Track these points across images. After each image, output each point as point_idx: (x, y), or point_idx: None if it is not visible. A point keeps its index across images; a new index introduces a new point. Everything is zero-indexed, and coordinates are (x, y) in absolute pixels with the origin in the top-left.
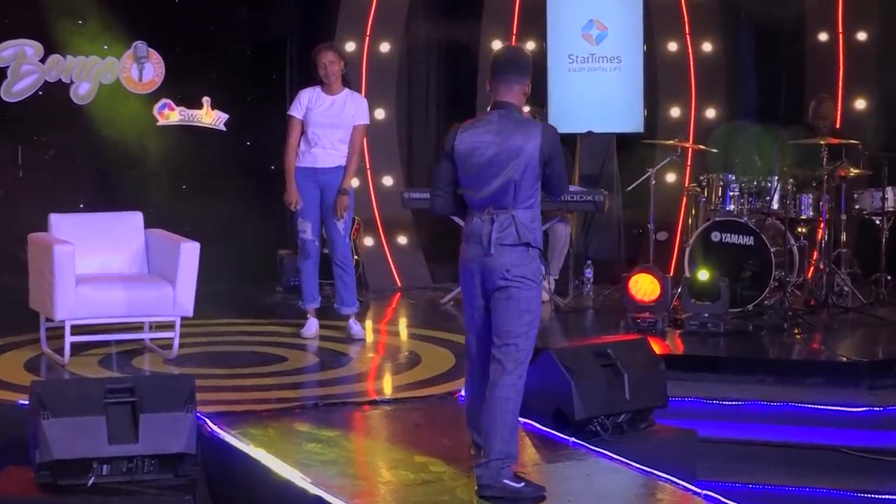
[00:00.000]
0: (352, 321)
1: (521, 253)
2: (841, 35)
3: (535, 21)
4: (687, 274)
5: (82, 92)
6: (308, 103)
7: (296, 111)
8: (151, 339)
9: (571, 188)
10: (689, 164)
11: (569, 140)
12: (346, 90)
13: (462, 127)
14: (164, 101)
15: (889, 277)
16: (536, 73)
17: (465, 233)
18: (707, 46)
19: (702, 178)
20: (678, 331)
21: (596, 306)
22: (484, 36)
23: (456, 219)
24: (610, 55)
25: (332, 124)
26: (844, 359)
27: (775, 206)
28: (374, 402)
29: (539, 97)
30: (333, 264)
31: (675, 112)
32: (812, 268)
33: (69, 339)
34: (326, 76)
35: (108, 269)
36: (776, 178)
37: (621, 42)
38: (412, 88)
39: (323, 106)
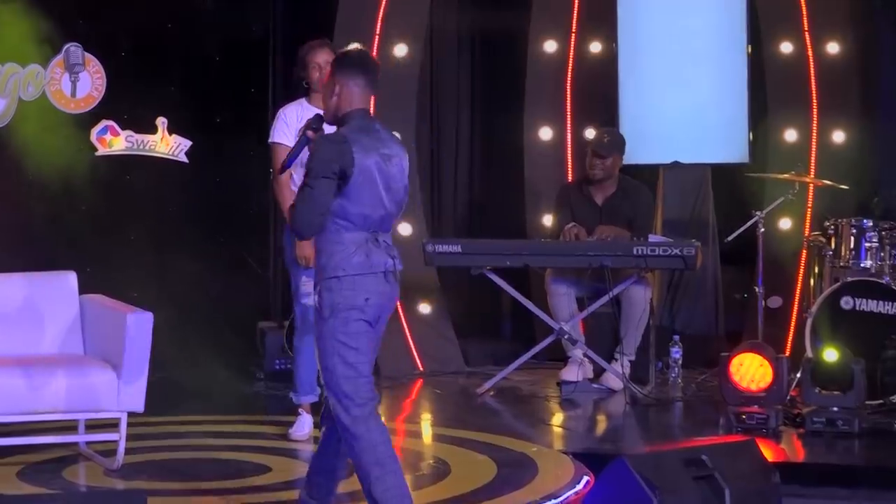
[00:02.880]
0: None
1: None
2: None
3: (603, 14)
4: (809, 354)
5: None
6: (298, 124)
7: (282, 136)
8: (88, 443)
9: (652, 238)
10: (809, 204)
11: (648, 173)
12: None
13: (350, 138)
14: (105, 123)
15: None
16: (604, 84)
17: (362, 263)
18: (832, 47)
19: (828, 223)
20: (797, 430)
21: (686, 397)
22: (533, 34)
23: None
24: (704, 60)
25: None
26: None
27: None
28: None
29: (608, 116)
30: None
31: (790, 135)
32: None
33: None
34: (320, 82)
35: (30, 350)
36: None
37: (717, 43)
38: (438, 104)
39: None
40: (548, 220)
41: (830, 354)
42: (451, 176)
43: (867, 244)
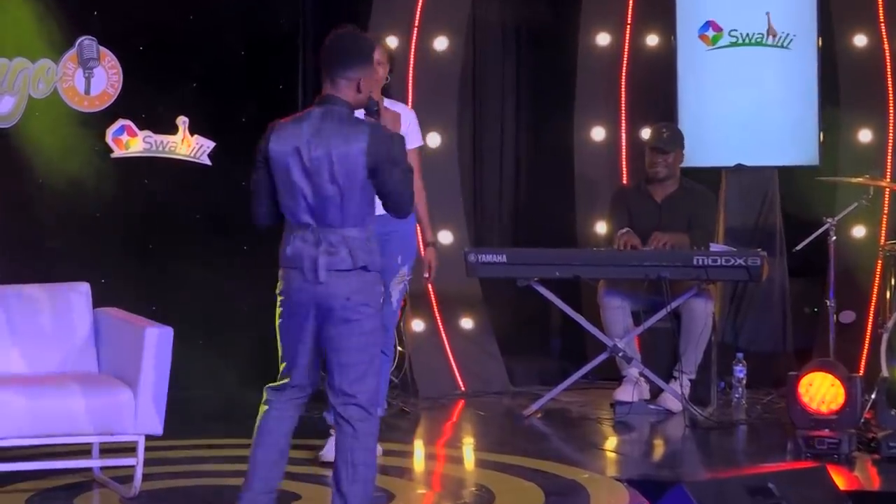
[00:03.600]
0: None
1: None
2: None
3: (660, 4)
4: (884, 373)
5: (4, 110)
6: None
7: None
8: (103, 469)
9: (714, 247)
10: (885, 211)
11: (711, 177)
12: (387, 101)
13: (278, 126)
14: (121, 122)
15: None
16: (662, 81)
17: (283, 257)
18: None
19: None
20: (872, 456)
21: (750, 420)
22: (585, 26)
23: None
24: (769, 54)
25: None
26: None
27: None
28: None
29: (666, 114)
30: None
31: (864, 135)
32: None
33: None
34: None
35: (40, 368)
36: None
37: (785, 35)
38: (481, 101)
39: None
40: (601, 227)
41: None
42: (495, 180)
43: None
